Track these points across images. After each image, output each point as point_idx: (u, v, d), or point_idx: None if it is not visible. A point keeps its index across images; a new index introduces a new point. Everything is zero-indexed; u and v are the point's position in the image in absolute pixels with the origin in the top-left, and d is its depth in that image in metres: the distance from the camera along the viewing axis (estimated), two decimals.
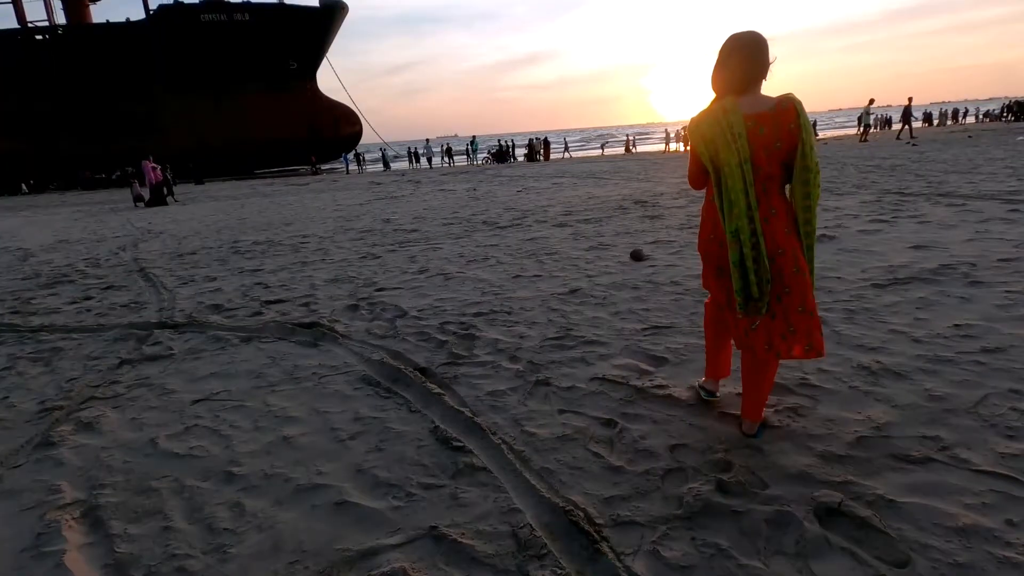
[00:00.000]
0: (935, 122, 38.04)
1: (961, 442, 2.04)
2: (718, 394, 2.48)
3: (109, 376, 3.26)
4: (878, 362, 2.70)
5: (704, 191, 2.14)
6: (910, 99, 21.56)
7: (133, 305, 4.78)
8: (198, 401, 2.86)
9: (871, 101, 22.17)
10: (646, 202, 8.81)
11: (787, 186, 2.00)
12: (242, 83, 37.82)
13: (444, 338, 3.44)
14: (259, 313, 4.28)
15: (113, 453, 2.42)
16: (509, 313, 3.85)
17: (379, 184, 18.45)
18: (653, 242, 5.75)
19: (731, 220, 1.91)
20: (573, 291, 4.24)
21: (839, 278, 4.05)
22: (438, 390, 2.76)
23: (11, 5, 37.03)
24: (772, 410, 2.34)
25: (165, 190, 17.51)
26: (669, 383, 2.65)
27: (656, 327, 3.37)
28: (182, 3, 35.58)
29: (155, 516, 1.97)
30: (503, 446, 2.24)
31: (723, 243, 1.98)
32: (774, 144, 1.87)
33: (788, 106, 1.87)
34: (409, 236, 7.26)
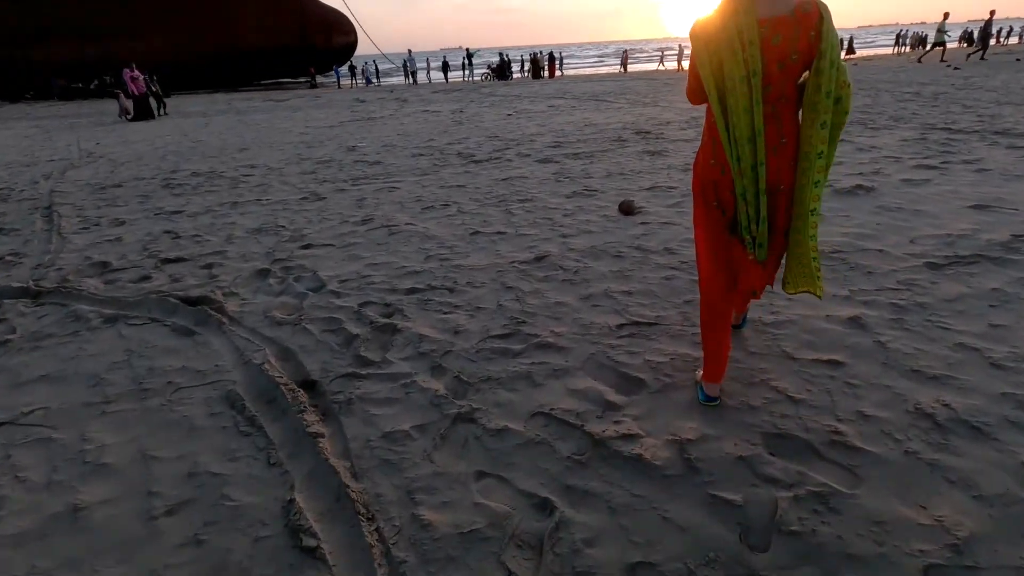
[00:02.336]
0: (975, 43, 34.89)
1: None
2: (719, 398, 1.96)
3: None
4: (945, 404, 1.87)
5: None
6: (992, 12, 17.68)
7: (8, 258, 3.92)
8: None
9: (946, 15, 18.51)
10: (648, 132, 7.65)
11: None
12: None
13: (357, 330, 2.61)
14: (147, 278, 3.42)
15: None
16: (451, 291, 2.98)
17: (362, 102, 16.89)
18: (649, 188, 4.76)
19: (733, 145, 1.64)
20: (539, 258, 3.35)
21: (881, 251, 3.13)
22: (317, 427, 1.96)
23: None
24: (791, 494, 1.55)
25: (155, 103, 16.05)
26: (641, 429, 1.84)
27: (636, 323, 2.52)
28: None
29: None
30: (376, 548, 1.47)
31: (726, 169, 1.71)
32: (790, 56, 1.57)
33: (811, 10, 1.55)
34: (368, 171, 6.24)
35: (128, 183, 6.32)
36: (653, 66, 33.98)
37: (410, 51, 29.07)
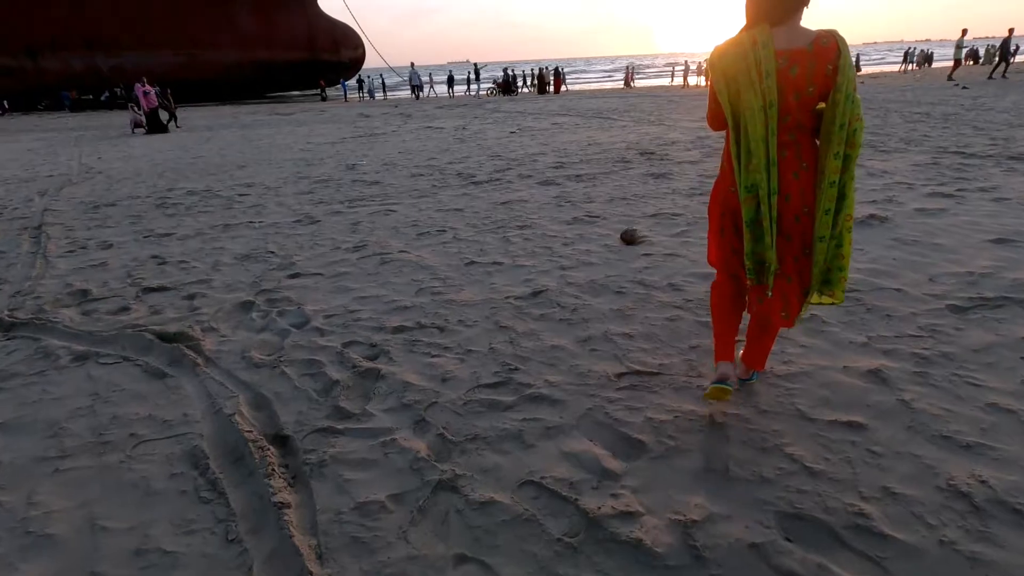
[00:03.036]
0: (980, 60, 34.87)
1: None
2: (732, 382, 1.96)
3: None
4: (982, 481, 1.67)
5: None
6: (1010, 31, 17.75)
7: None
8: None
9: (964, 32, 18.71)
10: (653, 153, 7.51)
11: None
12: None
13: (338, 374, 2.44)
14: (126, 309, 3.27)
15: None
16: (441, 330, 2.81)
17: (367, 117, 16.89)
18: (653, 215, 4.60)
19: (748, 173, 1.68)
20: (536, 293, 3.18)
21: (899, 291, 2.95)
22: (285, 494, 1.78)
23: None
24: None
25: (168, 116, 16.32)
26: (642, 506, 1.66)
27: (637, 372, 2.34)
28: None
29: None
30: None
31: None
32: (806, 88, 1.61)
33: (829, 43, 1.59)
34: (366, 191, 6.11)
35: (122, 202, 6.21)
36: (658, 82, 34.04)
37: (413, 64, 29.10)
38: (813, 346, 2.47)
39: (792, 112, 1.62)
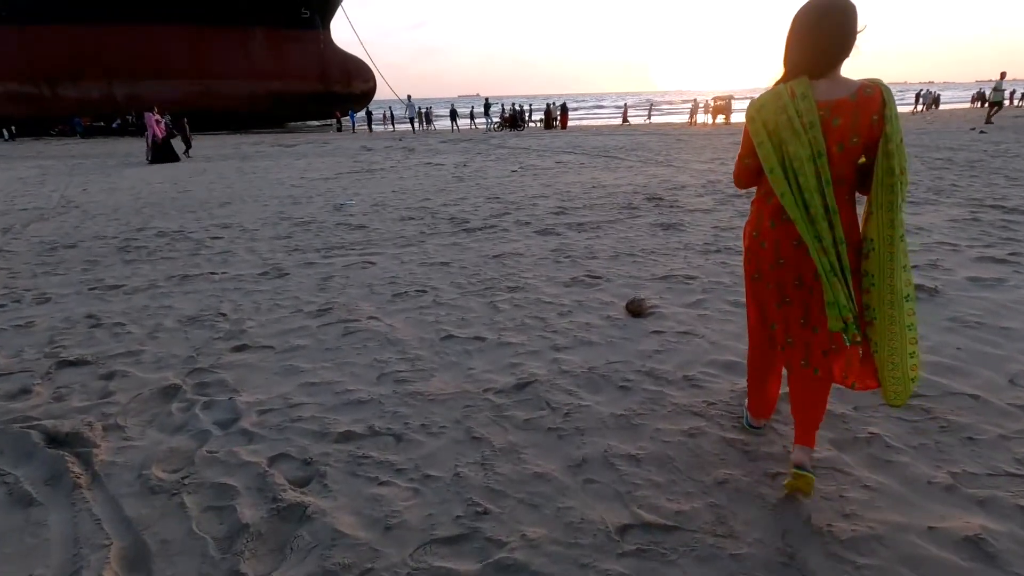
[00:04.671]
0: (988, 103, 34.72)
1: None
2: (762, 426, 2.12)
3: None
4: None
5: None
6: (1002, 74, 17.82)
7: None
8: None
9: (1003, 75, 17.96)
10: (662, 199, 7.00)
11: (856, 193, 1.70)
12: (251, 29, 36.01)
13: (250, 514, 1.84)
14: (26, 392, 2.70)
15: None
16: (398, 439, 2.23)
17: (368, 150, 16.63)
18: (663, 277, 4.03)
19: (808, 224, 1.57)
20: (522, 385, 2.59)
21: (976, 398, 2.34)
22: None
23: None
24: None
25: (183, 145, 16.43)
26: None
27: (647, 526, 1.74)
28: None
29: None
30: None
31: (766, 245, 1.71)
32: (850, 139, 1.55)
33: (873, 94, 1.53)
34: (347, 237, 5.60)
35: (85, 243, 5.73)
36: (667, 118, 34.06)
37: (409, 96, 29.16)
38: (881, 487, 1.86)
39: (835, 164, 1.58)
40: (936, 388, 2.44)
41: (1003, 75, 17.97)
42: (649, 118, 33.32)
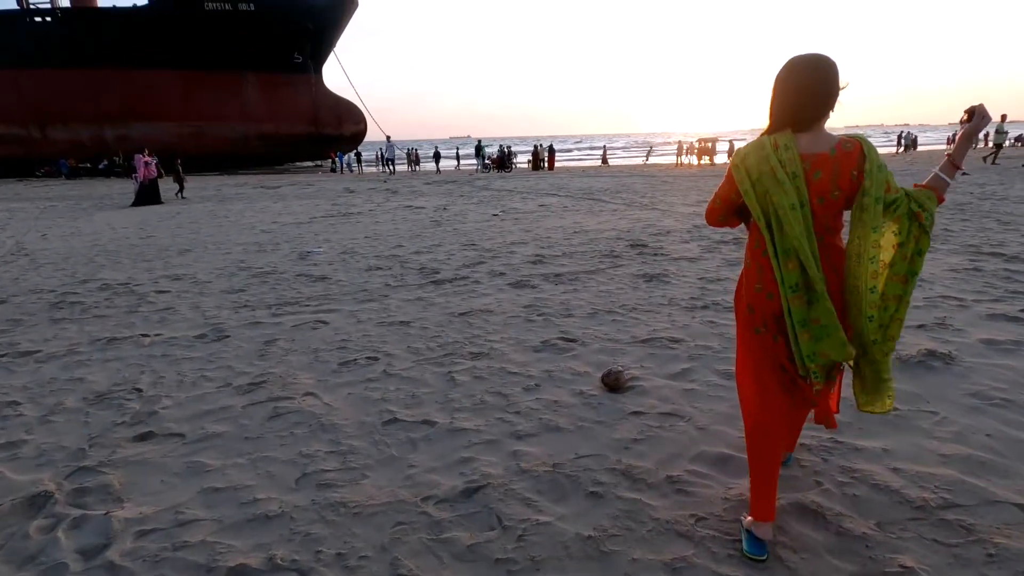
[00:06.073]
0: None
1: None
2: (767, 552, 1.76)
3: None
4: None
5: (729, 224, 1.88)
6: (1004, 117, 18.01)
7: None
8: None
9: (1003, 117, 18.16)
10: (646, 245, 6.66)
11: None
12: (244, 74, 36.61)
13: None
14: None
15: None
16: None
17: (351, 192, 16.38)
18: (645, 340, 3.61)
19: (788, 273, 1.60)
20: (471, 491, 2.12)
21: (1021, 508, 1.90)
22: None
23: None
24: None
25: (176, 186, 16.29)
26: None
27: None
28: None
29: None
30: None
31: (773, 295, 1.66)
32: (831, 192, 1.59)
33: (852, 149, 1.58)
34: (305, 291, 5.15)
35: (18, 297, 5.23)
36: (656, 159, 34.53)
37: (388, 138, 29.28)
38: None
39: (817, 216, 1.60)
40: (972, 494, 2.00)
41: (1004, 117, 18.20)
42: (648, 159, 34.36)
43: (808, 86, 1.58)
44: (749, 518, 1.81)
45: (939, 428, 2.44)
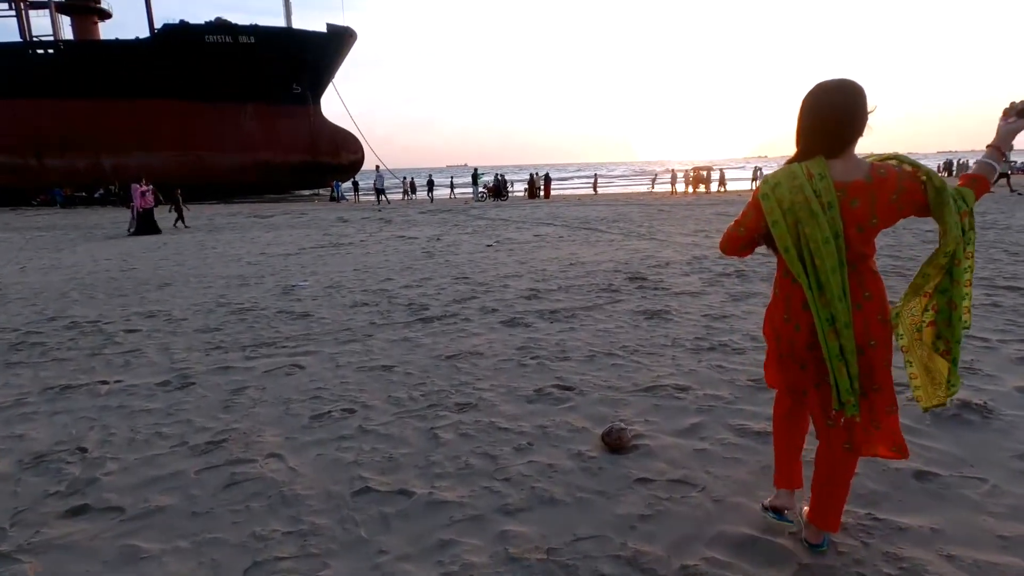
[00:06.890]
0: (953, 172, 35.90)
1: None
2: (791, 516, 1.91)
3: None
4: None
5: (743, 250, 1.81)
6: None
7: None
8: None
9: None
10: (645, 279, 6.40)
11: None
12: (243, 105, 37.04)
13: None
14: None
15: None
16: None
17: (344, 222, 16.18)
18: (648, 388, 3.30)
19: (823, 306, 1.59)
20: None
21: None
22: None
23: (15, 19, 36.67)
24: None
25: (176, 216, 16.05)
26: None
27: None
28: (187, 24, 34.84)
29: None
30: None
31: (800, 327, 1.66)
32: (869, 220, 1.56)
33: (887, 175, 1.55)
34: (284, 329, 4.84)
35: None
36: (646, 187, 34.67)
37: (378, 167, 29.28)
38: None
39: (853, 244, 1.58)
40: None
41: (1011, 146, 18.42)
42: (653, 187, 35.05)
43: (838, 110, 1.56)
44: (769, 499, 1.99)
45: (991, 501, 2.12)
